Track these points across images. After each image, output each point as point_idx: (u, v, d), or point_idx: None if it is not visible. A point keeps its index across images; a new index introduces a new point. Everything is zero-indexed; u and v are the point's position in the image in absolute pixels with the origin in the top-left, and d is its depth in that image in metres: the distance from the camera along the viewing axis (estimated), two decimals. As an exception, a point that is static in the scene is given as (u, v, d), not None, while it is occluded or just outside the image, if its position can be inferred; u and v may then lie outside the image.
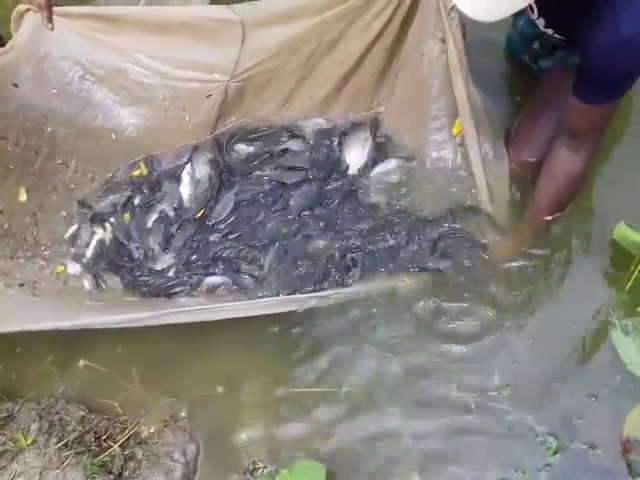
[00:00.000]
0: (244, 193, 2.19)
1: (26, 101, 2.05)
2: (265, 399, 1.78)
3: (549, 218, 1.93)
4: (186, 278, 2.03)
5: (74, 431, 1.66)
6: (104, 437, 1.67)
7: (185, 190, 2.24)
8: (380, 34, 2.09)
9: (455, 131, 2.05)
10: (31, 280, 2.01)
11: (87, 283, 2.08)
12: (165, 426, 1.72)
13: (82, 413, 1.70)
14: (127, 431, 1.69)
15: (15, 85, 2.02)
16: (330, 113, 2.32)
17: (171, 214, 2.19)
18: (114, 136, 2.25)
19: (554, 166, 1.85)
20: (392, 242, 2.01)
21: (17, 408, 1.70)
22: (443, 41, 1.92)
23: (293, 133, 2.30)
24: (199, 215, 2.17)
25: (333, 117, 2.32)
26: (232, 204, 2.17)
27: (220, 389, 1.80)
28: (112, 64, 2.13)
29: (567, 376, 1.71)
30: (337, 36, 2.12)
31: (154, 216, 2.20)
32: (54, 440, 1.64)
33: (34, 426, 1.65)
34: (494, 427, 1.65)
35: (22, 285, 1.98)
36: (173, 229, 2.16)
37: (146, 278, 2.06)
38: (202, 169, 2.26)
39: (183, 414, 1.76)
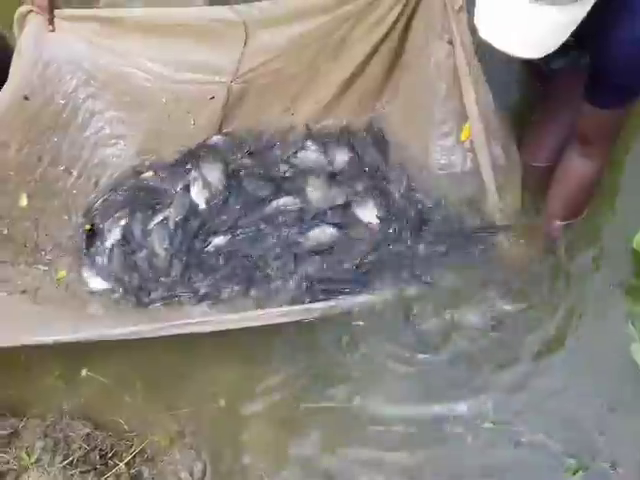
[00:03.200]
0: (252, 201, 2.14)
1: (35, 114, 2.02)
2: (273, 414, 1.75)
3: (562, 224, 1.89)
4: (190, 284, 1.99)
5: (79, 449, 1.63)
6: (110, 455, 1.65)
7: (199, 196, 2.17)
8: (386, 35, 2.04)
9: (463, 136, 1.98)
10: (33, 287, 1.97)
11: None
12: (172, 443, 1.70)
13: (87, 430, 1.68)
14: (133, 449, 1.67)
15: (26, 98, 1.99)
16: (333, 117, 2.27)
17: (178, 219, 2.12)
18: (122, 142, 2.23)
19: (566, 172, 1.81)
20: (400, 248, 1.97)
21: (21, 425, 1.68)
22: (450, 43, 1.87)
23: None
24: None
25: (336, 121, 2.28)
26: (239, 208, 2.12)
27: (227, 404, 1.77)
28: (115, 69, 2.09)
29: (584, 392, 1.68)
30: (342, 37, 2.06)
31: (157, 219, 2.15)
32: (59, 458, 1.61)
33: (38, 444, 1.63)
34: (509, 449, 1.62)
35: (24, 292, 1.95)
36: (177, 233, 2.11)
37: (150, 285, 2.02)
38: (212, 173, 2.20)
39: (189, 431, 1.73)
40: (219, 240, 2.07)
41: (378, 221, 2.03)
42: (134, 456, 1.66)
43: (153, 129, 2.22)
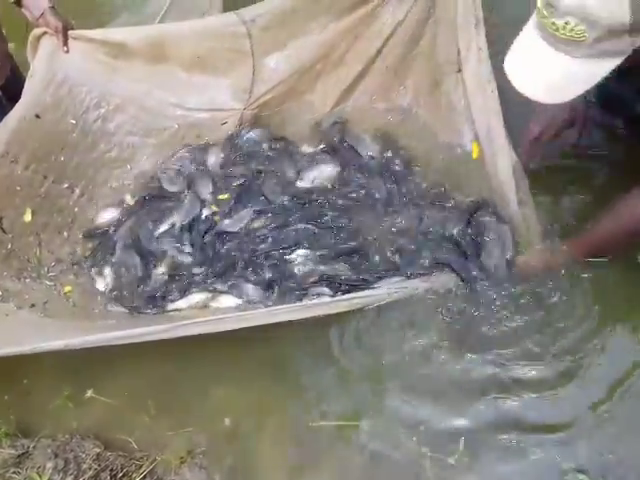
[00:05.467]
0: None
1: (46, 133, 2.01)
2: (283, 434, 1.73)
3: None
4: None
5: (90, 469, 1.59)
6: (120, 475, 1.61)
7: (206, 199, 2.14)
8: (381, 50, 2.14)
9: (474, 154, 2.03)
10: (41, 301, 1.95)
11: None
12: (182, 463, 1.66)
13: (97, 450, 1.64)
14: (143, 469, 1.63)
15: (37, 116, 1.98)
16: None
17: (186, 222, 2.10)
18: (129, 166, 2.23)
19: (622, 207, 1.69)
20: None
21: (32, 445, 1.64)
22: (459, 71, 1.95)
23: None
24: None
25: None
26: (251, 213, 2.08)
27: (236, 423, 1.74)
28: (127, 93, 2.11)
29: (596, 411, 1.65)
30: (344, 51, 2.15)
31: (165, 226, 2.13)
32: (69, 479, 1.58)
33: (49, 464, 1.59)
34: (520, 465, 1.60)
35: (33, 306, 1.92)
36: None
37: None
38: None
39: (200, 450, 1.69)
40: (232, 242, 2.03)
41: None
42: (144, 476, 1.62)
43: (164, 154, 2.23)
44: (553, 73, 1.31)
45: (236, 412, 1.76)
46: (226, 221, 2.06)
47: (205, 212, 2.12)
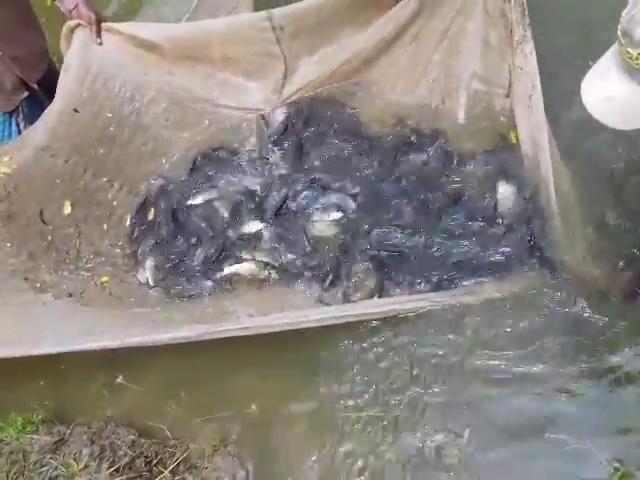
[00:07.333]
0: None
1: (85, 127, 2.01)
2: (313, 423, 1.69)
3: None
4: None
5: (125, 456, 1.58)
6: (154, 462, 1.60)
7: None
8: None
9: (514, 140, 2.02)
10: (78, 291, 1.96)
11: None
12: (215, 451, 1.64)
13: (132, 437, 1.63)
14: (177, 456, 1.61)
15: (76, 111, 1.97)
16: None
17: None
18: (164, 160, 2.21)
19: None
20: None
21: (68, 432, 1.63)
22: (507, 96, 1.97)
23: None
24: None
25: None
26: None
27: (269, 412, 1.71)
28: (160, 86, 2.09)
29: (627, 401, 1.60)
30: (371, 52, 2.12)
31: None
32: (105, 465, 1.57)
33: (85, 451, 1.58)
34: (555, 455, 1.54)
35: (70, 295, 1.93)
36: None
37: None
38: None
39: (232, 438, 1.67)
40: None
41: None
42: (178, 464, 1.61)
43: (195, 149, 2.23)
44: (624, 99, 1.26)
45: (268, 402, 1.73)
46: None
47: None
